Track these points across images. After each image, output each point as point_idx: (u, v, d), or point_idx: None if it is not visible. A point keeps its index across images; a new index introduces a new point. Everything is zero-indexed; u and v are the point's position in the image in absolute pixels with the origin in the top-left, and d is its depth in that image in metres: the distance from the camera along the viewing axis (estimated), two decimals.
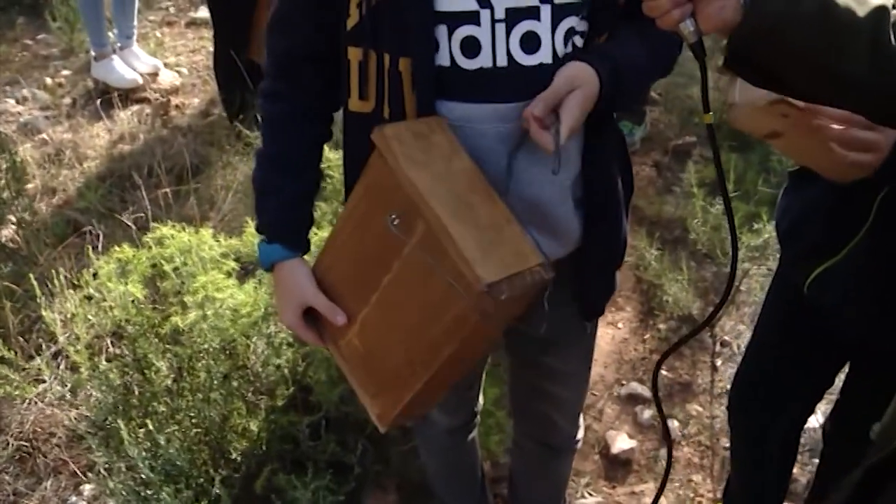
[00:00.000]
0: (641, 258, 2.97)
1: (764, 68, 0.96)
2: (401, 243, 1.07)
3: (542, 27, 1.11)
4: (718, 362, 2.64)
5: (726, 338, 2.73)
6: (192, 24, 4.74)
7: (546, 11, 1.10)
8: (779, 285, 1.65)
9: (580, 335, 1.53)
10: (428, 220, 1.02)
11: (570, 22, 1.13)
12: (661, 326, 2.80)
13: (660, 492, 1.49)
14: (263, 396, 2.03)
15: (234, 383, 1.92)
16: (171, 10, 4.95)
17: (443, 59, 1.11)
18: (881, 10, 0.89)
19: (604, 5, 1.15)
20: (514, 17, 1.09)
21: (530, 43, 1.11)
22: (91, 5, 3.71)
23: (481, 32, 1.09)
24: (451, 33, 1.09)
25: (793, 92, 1.01)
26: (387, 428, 1.26)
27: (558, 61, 1.13)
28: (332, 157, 2.12)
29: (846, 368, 1.64)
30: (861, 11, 0.90)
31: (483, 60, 1.11)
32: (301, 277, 1.27)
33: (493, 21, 1.09)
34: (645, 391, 2.57)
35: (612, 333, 2.78)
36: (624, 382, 2.62)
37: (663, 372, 2.63)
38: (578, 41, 1.16)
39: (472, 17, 1.08)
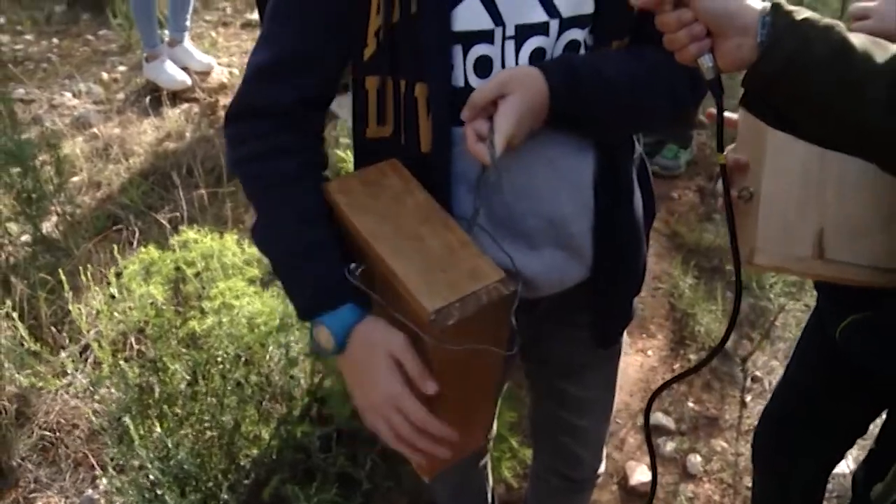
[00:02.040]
0: (676, 286, 2.90)
1: (779, 110, 0.93)
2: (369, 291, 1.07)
3: (549, 42, 1.10)
4: (748, 398, 2.57)
5: (758, 373, 2.65)
6: (248, 25, 4.81)
7: (554, 26, 1.09)
8: (814, 325, 1.59)
9: (601, 361, 1.50)
10: (375, 262, 1.03)
11: (573, 34, 1.10)
12: (692, 356, 2.74)
13: None
14: (278, 405, 2.04)
15: (249, 391, 1.93)
16: (228, 10, 5.03)
17: (457, 81, 1.10)
18: None
19: (609, 17, 1.11)
20: (523, 33, 1.08)
21: (538, 59, 1.10)
22: (143, 6, 3.79)
23: (494, 51, 1.08)
24: (465, 53, 1.08)
25: (807, 136, 0.97)
26: (431, 478, 1.21)
27: None
28: None
29: (884, 416, 1.58)
30: (880, 57, 0.86)
31: None
32: (389, 329, 1.06)
33: (504, 38, 1.08)
34: (670, 422, 2.51)
35: (640, 361, 2.73)
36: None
37: (689, 404, 2.57)
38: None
39: (487, 36, 1.07)
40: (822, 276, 1.19)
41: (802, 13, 0.88)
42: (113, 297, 1.98)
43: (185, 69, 3.99)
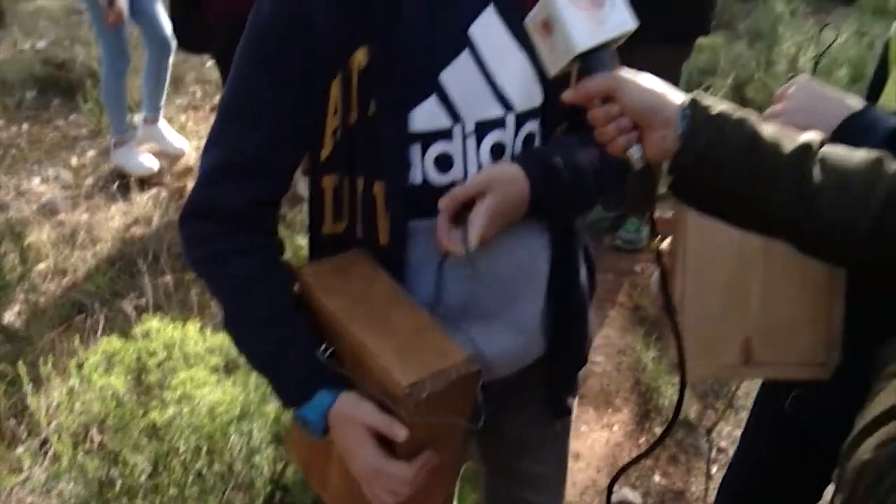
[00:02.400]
0: (640, 360, 2.94)
1: (702, 198, 0.98)
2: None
3: (507, 135, 1.14)
4: (714, 469, 2.58)
5: (723, 444, 2.67)
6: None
7: (511, 120, 1.14)
8: (766, 395, 1.62)
9: (554, 435, 1.52)
10: (346, 340, 1.08)
11: (529, 127, 1.16)
12: (657, 430, 2.75)
13: None
14: (240, 494, 2.02)
15: (211, 481, 1.91)
16: (198, 94, 5.12)
17: (415, 178, 1.13)
18: (806, 147, 0.92)
19: (554, 107, 1.15)
20: (483, 129, 1.13)
21: (498, 153, 1.14)
22: (113, 92, 3.86)
23: (453, 147, 1.12)
24: (424, 152, 1.11)
25: (730, 222, 1.02)
26: None
27: None
28: None
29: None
30: (787, 147, 0.92)
31: (455, 174, 1.13)
32: (359, 401, 1.09)
33: (465, 135, 1.12)
34: (637, 498, 2.51)
35: (606, 436, 2.74)
36: (616, 488, 2.57)
37: (656, 478, 2.57)
38: (537, 143, 1.19)
39: (446, 134, 1.11)
40: (753, 377, 1.22)
41: (718, 106, 0.94)
42: (73, 388, 1.97)
43: (158, 152, 4.04)
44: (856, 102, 1.14)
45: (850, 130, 1.05)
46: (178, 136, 4.23)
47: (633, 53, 1.10)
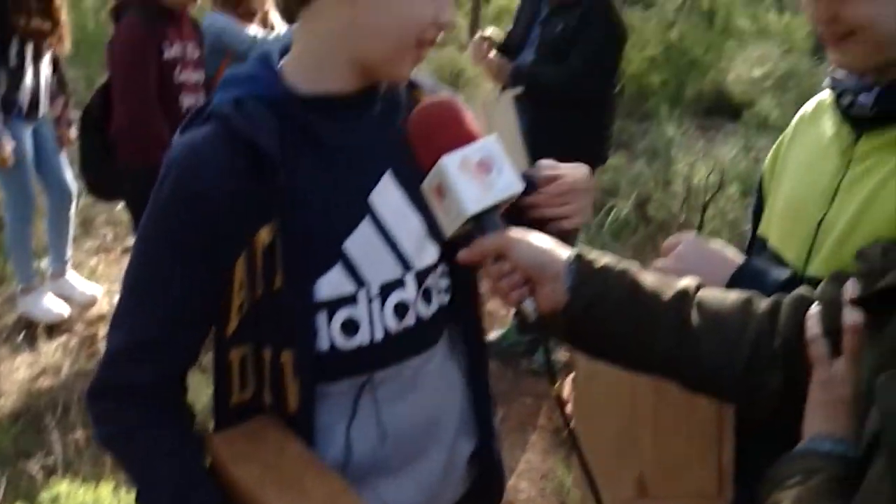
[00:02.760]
0: (562, 483, 2.94)
1: (591, 345, 1.05)
2: None
3: (408, 294, 1.18)
4: None
5: None
6: (129, 251, 4.82)
7: (410, 278, 1.17)
8: None
9: None
10: None
11: (428, 282, 1.20)
12: None
13: None
14: None
15: None
16: (109, 237, 5.05)
17: (322, 344, 1.13)
18: (683, 293, 0.99)
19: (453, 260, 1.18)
20: (386, 290, 1.15)
21: (401, 312, 1.17)
22: (18, 238, 3.79)
23: (359, 311, 1.14)
24: (330, 318, 1.13)
25: (618, 365, 1.07)
26: None
27: (420, 322, 1.19)
28: None
29: None
30: (666, 295, 0.99)
31: (361, 338, 1.15)
32: None
33: (370, 298, 1.14)
34: None
35: None
36: None
37: None
38: (444, 298, 1.23)
39: (351, 300, 1.13)
40: None
41: (602, 260, 1.01)
42: None
43: (69, 297, 3.95)
44: (737, 257, 1.23)
45: (737, 286, 1.12)
46: (87, 283, 4.15)
47: None
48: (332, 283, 1.12)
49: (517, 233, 1.00)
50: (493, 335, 3.65)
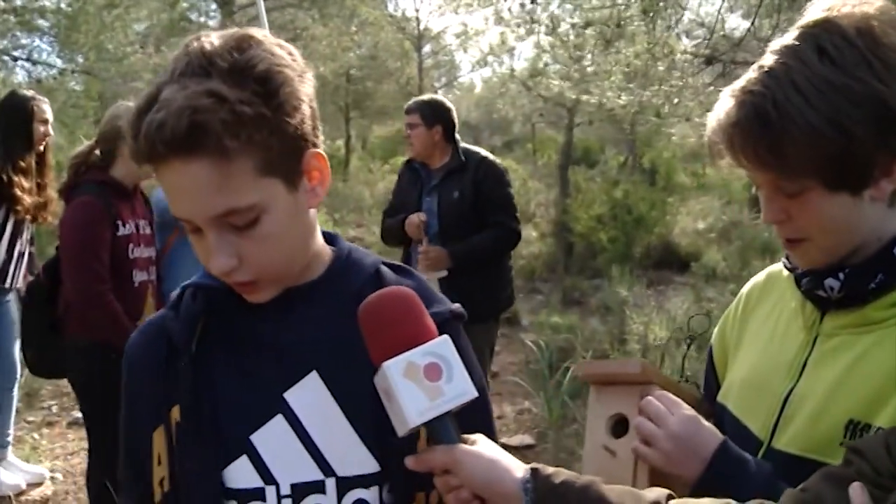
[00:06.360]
0: None
1: None
2: None
3: (328, 500, 1.10)
4: None
5: None
6: (75, 423, 4.65)
7: (331, 485, 1.11)
8: None
9: None
10: None
11: (359, 493, 1.12)
12: None
13: None
14: None
15: None
16: (54, 408, 4.88)
17: None
18: None
19: (400, 476, 1.10)
20: (300, 492, 1.10)
21: None
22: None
23: None
24: None
25: None
26: None
27: None
28: None
29: None
30: None
31: None
32: None
33: (279, 497, 1.09)
34: None
35: None
36: None
37: None
38: None
39: (258, 494, 1.09)
40: None
41: (560, 475, 0.96)
42: None
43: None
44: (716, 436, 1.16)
45: (723, 466, 1.09)
46: (30, 466, 3.96)
47: None
48: (238, 474, 1.09)
49: (467, 447, 0.97)
50: None
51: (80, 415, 4.67)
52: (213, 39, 0.98)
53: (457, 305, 1.16)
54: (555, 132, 14.97)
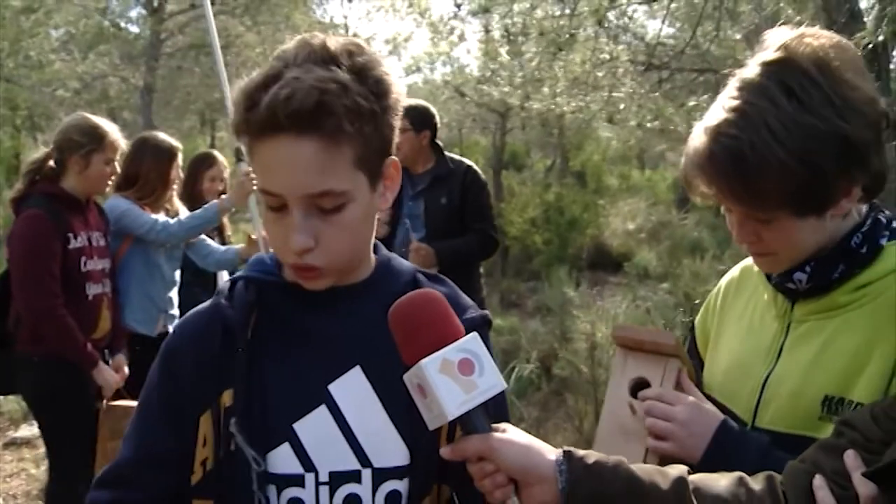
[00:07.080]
0: None
1: None
2: None
3: (363, 490, 1.16)
4: None
5: None
6: (12, 444, 4.51)
7: (367, 475, 1.16)
8: None
9: None
10: None
11: (392, 485, 1.18)
12: None
13: None
14: None
15: None
16: None
17: None
18: (681, 481, 1.02)
19: (424, 469, 1.19)
20: (337, 480, 1.15)
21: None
22: None
23: (306, 494, 1.14)
24: (279, 493, 1.14)
25: None
26: None
27: None
28: None
29: None
30: (664, 484, 1.01)
31: None
32: None
33: (318, 484, 1.14)
34: None
35: None
36: None
37: None
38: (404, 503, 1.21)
39: (298, 481, 1.14)
40: None
41: (592, 456, 1.02)
42: None
43: None
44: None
45: (724, 441, 1.20)
46: None
47: None
48: (280, 460, 1.14)
49: (500, 435, 1.03)
50: None
51: (17, 435, 4.56)
52: (329, 39, 1.05)
53: (486, 312, 1.22)
54: (481, 137, 15.10)
